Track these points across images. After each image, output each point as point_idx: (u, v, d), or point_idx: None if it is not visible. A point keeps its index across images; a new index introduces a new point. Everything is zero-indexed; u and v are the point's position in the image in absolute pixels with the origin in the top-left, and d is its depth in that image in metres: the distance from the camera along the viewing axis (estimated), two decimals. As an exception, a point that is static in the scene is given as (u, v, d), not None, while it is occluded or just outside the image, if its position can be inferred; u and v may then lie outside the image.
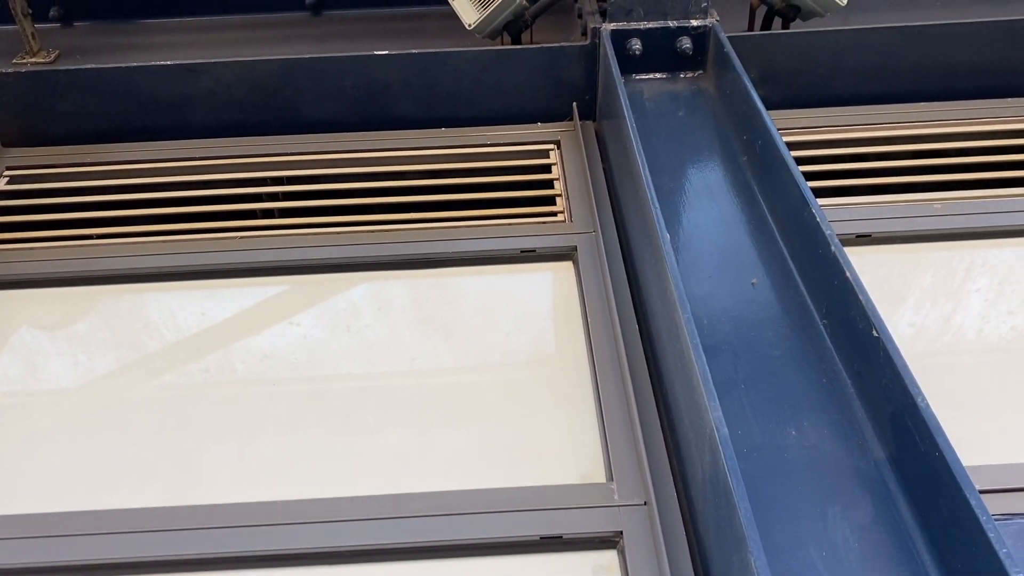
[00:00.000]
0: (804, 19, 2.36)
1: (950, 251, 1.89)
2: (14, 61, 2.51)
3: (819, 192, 2.00)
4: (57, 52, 2.58)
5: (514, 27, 2.34)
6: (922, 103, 2.29)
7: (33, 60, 2.52)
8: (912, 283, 1.84)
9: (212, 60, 2.30)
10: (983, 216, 1.91)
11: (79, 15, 2.83)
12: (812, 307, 1.57)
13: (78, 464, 1.57)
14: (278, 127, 2.37)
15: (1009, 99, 2.30)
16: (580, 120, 2.34)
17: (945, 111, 2.26)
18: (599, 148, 2.27)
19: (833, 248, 1.47)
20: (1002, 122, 2.22)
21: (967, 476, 1.08)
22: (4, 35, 2.62)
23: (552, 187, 2.17)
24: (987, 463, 1.34)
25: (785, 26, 2.38)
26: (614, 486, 1.41)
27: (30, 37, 2.52)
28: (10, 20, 2.51)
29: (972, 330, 1.74)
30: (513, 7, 2.29)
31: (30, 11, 2.50)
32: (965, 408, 1.55)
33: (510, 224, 2.05)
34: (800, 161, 2.10)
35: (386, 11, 2.81)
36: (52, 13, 2.80)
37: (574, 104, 2.36)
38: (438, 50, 2.29)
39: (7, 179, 2.28)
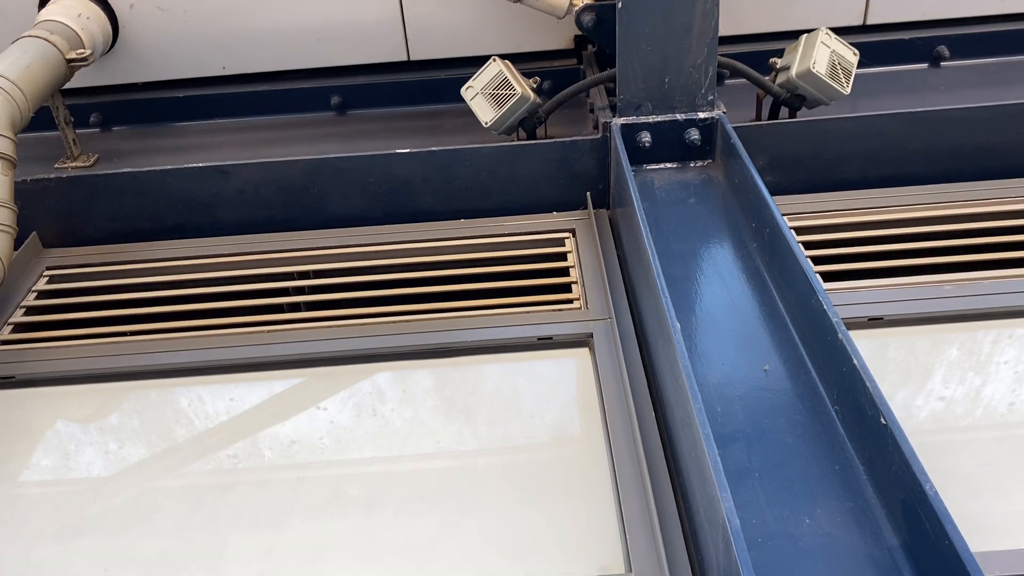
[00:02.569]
0: (809, 108, 2.43)
1: (962, 332, 1.91)
2: (56, 166, 2.65)
3: (830, 276, 2.05)
4: (96, 156, 2.72)
5: (529, 123, 2.44)
6: (929, 185, 2.34)
7: (74, 164, 2.65)
8: (925, 365, 1.86)
9: (242, 161, 2.41)
10: (994, 297, 1.94)
11: (117, 120, 2.98)
12: (824, 393, 1.60)
13: (108, 558, 1.61)
14: (304, 223, 2.47)
15: (1015, 180, 2.34)
16: (594, 209, 2.41)
17: (952, 193, 2.30)
18: (613, 235, 2.34)
19: (840, 335, 1.51)
20: (1009, 202, 2.25)
21: (977, 565, 1.09)
22: (48, 141, 2.77)
23: (568, 275, 2.23)
24: (1001, 548, 1.34)
25: (791, 115, 2.45)
26: (632, 576, 1.43)
27: (71, 143, 2.66)
28: (53, 127, 2.66)
29: (987, 410, 1.75)
30: (527, 105, 2.39)
31: (72, 119, 2.65)
32: (981, 491, 1.55)
33: (527, 312, 2.10)
34: (810, 245, 2.16)
35: (406, 110, 2.94)
36: (92, 119, 2.96)
37: (588, 194, 2.44)
38: (456, 147, 2.39)
39: (47, 279, 2.38)
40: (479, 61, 2.47)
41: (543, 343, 2.02)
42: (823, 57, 2.36)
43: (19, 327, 2.22)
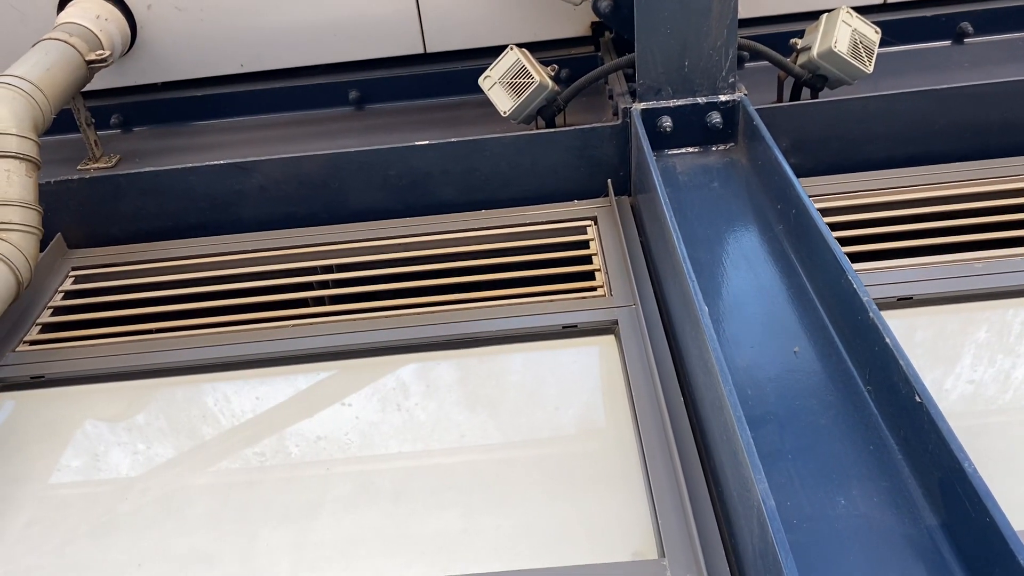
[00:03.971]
0: (832, 88, 2.40)
1: (993, 310, 1.88)
2: (78, 167, 2.67)
3: (858, 256, 2.03)
4: (118, 157, 2.73)
5: (547, 111, 2.42)
6: (956, 163, 2.31)
7: (96, 165, 2.67)
8: (957, 344, 1.83)
9: (262, 157, 2.42)
10: (1025, 274, 1.91)
11: (138, 121, 3.00)
12: (855, 374, 1.58)
13: (142, 554, 1.62)
14: (326, 218, 2.47)
15: (1044, 155, 2.30)
16: (616, 196, 2.40)
17: (979, 170, 2.27)
18: (635, 222, 2.32)
19: (871, 314, 1.49)
20: (1039, 178, 2.22)
21: (1020, 542, 1.07)
22: (70, 143, 2.79)
23: (591, 262, 2.22)
24: (1045, 527, 1.32)
25: (814, 96, 2.42)
26: (666, 562, 1.41)
27: (93, 144, 2.68)
28: (75, 129, 2.68)
29: (1019, 391, 1.72)
30: (546, 93, 2.37)
31: (93, 120, 2.67)
32: (1017, 470, 1.52)
33: (551, 300, 2.09)
34: (837, 227, 2.13)
35: (424, 102, 2.93)
36: (113, 120, 2.98)
37: (609, 181, 2.42)
38: (475, 137, 2.39)
39: (73, 279, 2.40)
40: (496, 51, 2.46)
41: (568, 331, 2.01)
42: (844, 36, 2.32)
43: (47, 327, 2.24)
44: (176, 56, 2.86)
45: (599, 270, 2.17)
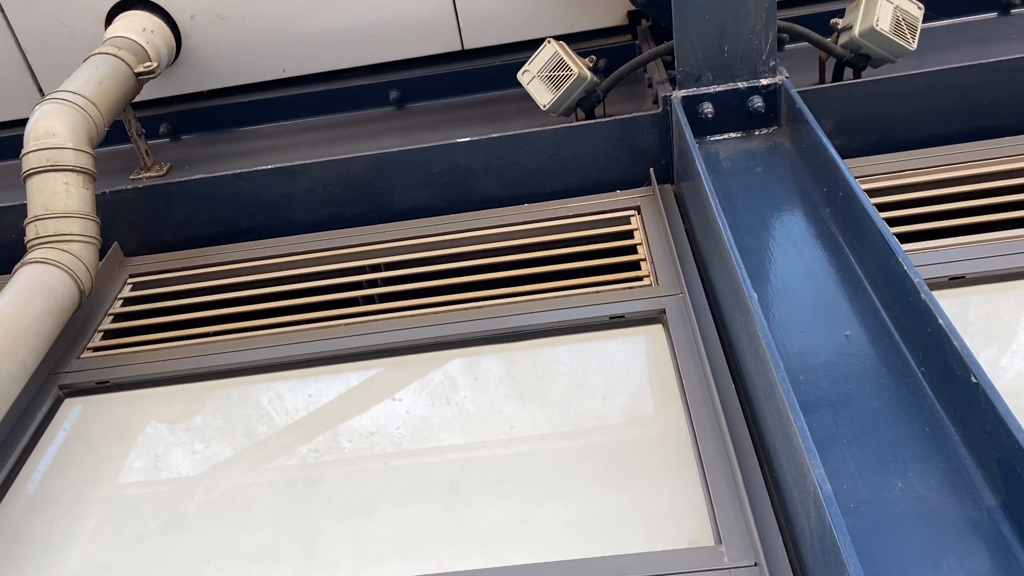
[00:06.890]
0: (875, 67, 2.37)
1: (1050, 287, 1.85)
2: (131, 177, 2.74)
3: (907, 236, 2.01)
4: (168, 165, 2.80)
5: (587, 103, 2.43)
6: (1006, 138, 2.26)
7: (148, 175, 2.74)
8: (1011, 322, 1.80)
9: (308, 161, 2.46)
10: (1082, 248, 1.87)
11: (186, 129, 3.07)
12: (908, 356, 1.57)
13: (210, 550, 1.67)
14: (372, 217, 2.51)
15: (1097, 125, 2.25)
16: (658, 184, 2.40)
17: (1030, 144, 2.23)
18: (680, 210, 2.32)
19: (923, 295, 1.48)
20: (1093, 149, 2.17)
21: (1084, 521, 1.07)
22: (122, 154, 2.86)
23: (636, 252, 2.22)
24: (1109, 505, 1.30)
25: (856, 76, 2.39)
26: (723, 548, 1.42)
27: (144, 154, 2.75)
28: (127, 140, 2.75)
29: (1082, 366, 1.69)
30: (584, 85, 2.38)
31: (143, 130, 2.73)
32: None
33: (597, 292, 2.10)
34: (885, 207, 2.11)
35: (465, 99, 2.96)
36: (162, 130, 3.05)
37: (651, 170, 2.42)
38: (516, 132, 2.40)
39: (131, 286, 2.47)
40: (533, 45, 2.47)
41: (615, 322, 2.02)
42: (886, 13, 2.29)
43: (108, 333, 2.31)
44: (220, 64, 2.92)
45: (644, 260, 2.17)
